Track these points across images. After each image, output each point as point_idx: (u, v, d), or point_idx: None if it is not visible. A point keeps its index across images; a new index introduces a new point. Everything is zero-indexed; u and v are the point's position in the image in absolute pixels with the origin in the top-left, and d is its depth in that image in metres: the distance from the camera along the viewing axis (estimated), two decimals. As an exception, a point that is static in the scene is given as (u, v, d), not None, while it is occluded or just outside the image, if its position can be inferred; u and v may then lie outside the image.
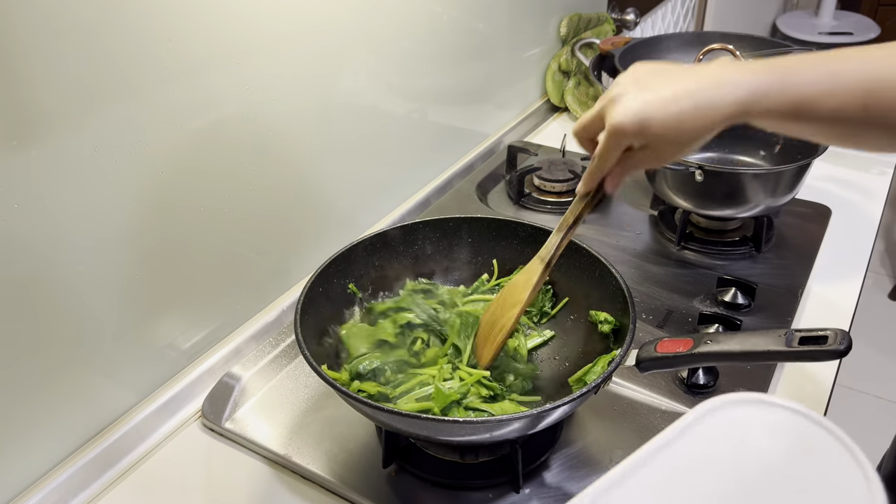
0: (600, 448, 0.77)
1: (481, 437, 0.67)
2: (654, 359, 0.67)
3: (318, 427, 0.81)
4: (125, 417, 0.80)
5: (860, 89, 0.56)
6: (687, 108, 0.58)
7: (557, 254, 0.73)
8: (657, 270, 1.04)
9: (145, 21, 0.69)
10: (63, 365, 0.72)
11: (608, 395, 0.83)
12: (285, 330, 0.94)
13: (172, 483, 0.77)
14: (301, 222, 0.99)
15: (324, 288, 0.79)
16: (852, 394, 2.18)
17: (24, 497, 0.71)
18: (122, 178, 0.72)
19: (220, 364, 0.89)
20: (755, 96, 0.57)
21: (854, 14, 3.55)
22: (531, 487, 0.73)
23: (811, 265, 1.03)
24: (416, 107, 1.17)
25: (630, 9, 1.75)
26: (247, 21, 0.80)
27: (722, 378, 0.83)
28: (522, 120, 1.49)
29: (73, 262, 0.70)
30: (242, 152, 0.86)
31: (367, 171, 1.10)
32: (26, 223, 0.65)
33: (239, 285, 0.92)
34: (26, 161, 0.63)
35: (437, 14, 1.14)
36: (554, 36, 1.55)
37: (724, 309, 0.95)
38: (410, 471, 0.75)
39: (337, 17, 0.93)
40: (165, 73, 0.73)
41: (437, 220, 0.89)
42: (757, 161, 1.17)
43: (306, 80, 0.92)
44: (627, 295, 0.74)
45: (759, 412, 0.48)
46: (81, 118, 0.67)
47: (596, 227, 1.16)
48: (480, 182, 1.27)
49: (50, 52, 0.62)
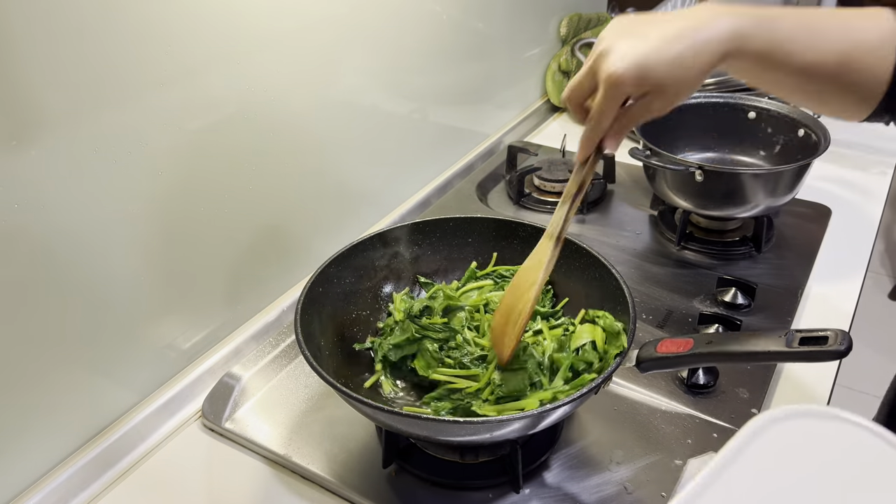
0: (600, 448, 0.77)
1: (481, 438, 0.67)
2: (654, 359, 0.67)
3: (318, 427, 0.81)
4: (125, 417, 0.80)
5: (837, 50, 0.59)
6: (684, 49, 0.58)
7: (566, 227, 0.70)
8: (657, 270, 1.04)
9: (145, 21, 0.69)
10: (63, 365, 0.72)
11: (608, 395, 0.83)
12: (285, 330, 0.94)
13: (172, 483, 0.77)
14: (301, 222, 0.99)
15: (324, 288, 0.79)
16: (852, 394, 2.18)
17: (24, 497, 0.71)
18: (122, 179, 0.72)
19: (220, 364, 0.89)
20: (741, 36, 0.58)
21: (854, 14, 3.54)
22: (531, 487, 0.73)
23: (811, 265, 1.03)
24: (416, 107, 1.17)
25: (630, 9, 1.75)
26: (246, 21, 0.80)
27: (722, 378, 0.83)
28: (522, 120, 1.49)
29: (73, 263, 0.70)
30: (242, 152, 0.86)
31: (368, 171, 1.10)
32: (26, 223, 0.65)
33: (239, 285, 0.92)
34: (26, 161, 0.63)
35: (438, 14, 1.13)
36: (554, 36, 1.55)
37: (724, 309, 0.95)
38: (410, 471, 0.75)
39: (337, 18, 0.93)
40: (165, 73, 0.73)
41: (437, 220, 0.89)
42: (757, 161, 1.17)
43: (306, 81, 0.92)
44: (627, 295, 0.74)
45: (815, 425, 0.48)
46: (81, 118, 0.67)
47: (596, 227, 1.16)
48: (480, 182, 1.27)
49: (50, 53, 0.62)
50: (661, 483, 0.72)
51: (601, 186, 1.24)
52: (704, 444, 0.76)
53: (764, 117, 1.15)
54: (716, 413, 0.80)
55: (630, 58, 0.57)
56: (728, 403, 0.81)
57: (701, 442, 0.77)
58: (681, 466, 0.74)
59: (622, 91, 0.59)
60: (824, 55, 0.60)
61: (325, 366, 0.71)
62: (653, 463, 0.75)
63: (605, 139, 0.64)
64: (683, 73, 0.58)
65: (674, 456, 0.75)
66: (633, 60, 0.57)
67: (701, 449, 0.76)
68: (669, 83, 0.59)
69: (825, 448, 0.47)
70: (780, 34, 0.59)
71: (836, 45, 0.60)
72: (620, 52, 0.58)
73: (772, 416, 0.48)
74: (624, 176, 1.28)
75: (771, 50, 0.60)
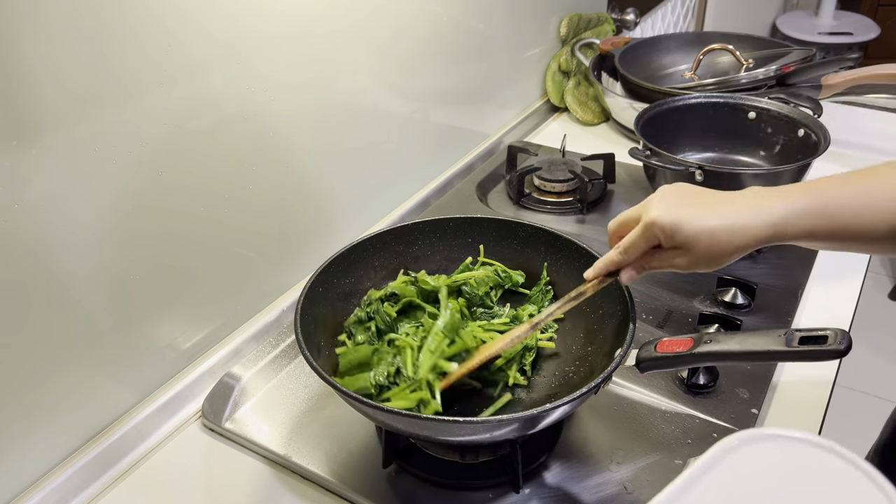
0: (600, 448, 0.77)
1: (481, 437, 0.67)
2: (654, 359, 0.67)
3: (318, 427, 0.81)
4: (125, 417, 0.80)
5: (887, 210, 0.60)
6: (722, 225, 0.62)
7: (547, 320, 0.73)
8: (657, 270, 1.04)
9: (145, 21, 0.69)
10: (63, 365, 0.72)
11: (608, 395, 0.83)
12: (285, 330, 0.94)
13: (172, 483, 0.77)
14: (301, 222, 0.99)
15: (324, 288, 0.79)
16: (852, 394, 2.18)
17: (24, 497, 0.71)
18: (122, 179, 0.72)
19: (220, 364, 0.89)
20: (788, 221, 0.61)
21: (854, 14, 3.55)
22: (531, 487, 0.73)
23: (811, 265, 1.03)
24: (416, 107, 1.17)
25: (630, 9, 1.75)
26: (246, 21, 0.80)
27: (722, 378, 0.83)
28: (522, 120, 1.49)
29: (74, 263, 0.70)
30: (242, 152, 0.86)
31: (368, 171, 1.10)
32: (26, 223, 0.65)
33: (239, 285, 0.92)
34: (26, 161, 0.63)
35: (438, 14, 1.14)
36: (554, 36, 1.55)
37: (724, 309, 0.95)
38: (410, 471, 0.75)
39: (337, 17, 0.93)
40: (165, 73, 0.73)
41: (438, 220, 0.89)
42: (757, 161, 1.17)
43: (306, 81, 0.92)
44: (627, 295, 0.74)
45: (778, 447, 0.48)
46: (81, 118, 0.67)
47: (596, 226, 1.16)
48: (480, 182, 1.27)
49: (50, 53, 0.62)
50: (661, 483, 0.72)
51: (601, 186, 1.24)
52: (704, 444, 0.76)
53: (764, 117, 1.15)
54: (716, 413, 0.80)
55: (672, 210, 0.63)
56: (728, 403, 0.81)
57: (701, 442, 0.77)
58: (681, 466, 0.74)
59: (654, 234, 0.65)
60: (875, 220, 0.60)
61: (326, 366, 0.71)
62: (653, 463, 0.75)
63: (624, 270, 0.69)
64: (711, 245, 0.63)
65: (674, 456, 0.75)
66: (675, 214, 0.63)
67: (701, 449, 0.76)
68: (697, 250, 0.64)
69: (789, 472, 0.47)
70: (831, 211, 0.61)
71: (886, 205, 0.60)
72: (668, 204, 0.64)
73: (739, 438, 0.49)
74: (624, 176, 1.28)
75: (824, 226, 0.61)
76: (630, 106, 1.40)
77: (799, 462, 0.47)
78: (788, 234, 0.62)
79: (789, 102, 1.17)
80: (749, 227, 0.62)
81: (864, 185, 0.62)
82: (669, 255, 0.66)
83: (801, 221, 0.61)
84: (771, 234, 0.62)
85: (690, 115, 1.18)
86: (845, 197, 0.61)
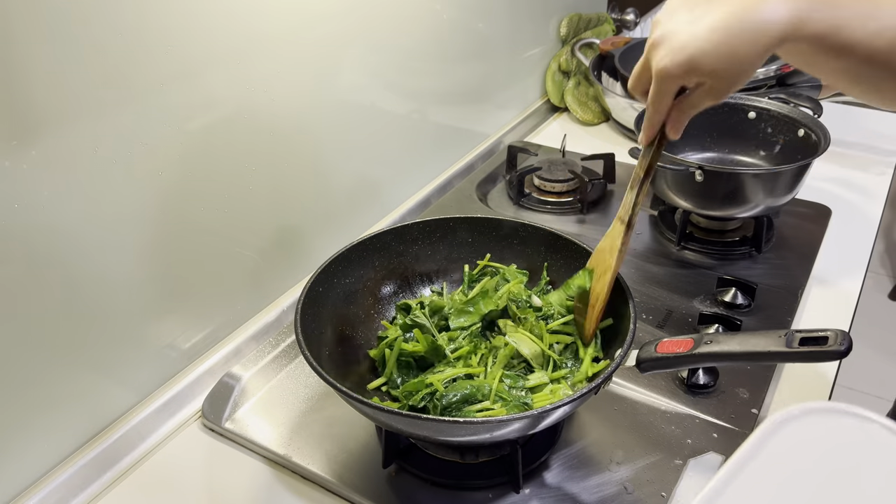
0: (600, 448, 0.77)
1: (481, 438, 0.67)
2: (654, 359, 0.67)
3: (318, 427, 0.81)
4: (125, 417, 0.80)
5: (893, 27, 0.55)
6: (738, 41, 0.56)
7: (636, 211, 0.71)
8: (657, 270, 1.04)
9: (145, 21, 0.69)
10: (63, 365, 0.72)
11: (608, 395, 0.83)
12: (285, 330, 0.94)
13: (172, 483, 0.77)
14: (301, 222, 0.99)
15: (324, 288, 0.79)
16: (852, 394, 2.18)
17: (24, 497, 0.71)
18: (122, 179, 0.72)
19: (220, 364, 0.89)
20: (799, 19, 0.56)
21: (854, 14, 3.54)
22: (531, 487, 0.73)
23: (811, 265, 1.03)
24: (416, 107, 1.17)
25: (630, 9, 1.75)
26: (246, 21, 0.80)
27: (722, 378, 0.83)
28: (522, 120, 1.49)
29: (73, 263, 0.70)
30: (242, 152, 0.86)
31: (368, 171, 1.10)
32: (26, 223, 0.65)
33: (239, 285, 0.92)
34: (26, 161, 0.63)
35: (437, 13, 1.14)
36: (554, 36, 1.55)
37: (724, 309, 0.95)
38: (410, 471, 0.75)
39: (337, 18, 0.93)
40: (165, 73, 0.73)
41: (438, 220, 0.89)
42: (757, 161, 1.17)
43: (306, 81, 0.92)
44: (628, 295, 0.74)
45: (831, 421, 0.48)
46: (81, 118, 0.67)
47: (596, 226, 1.16)
48: (480, 182, 1.27)
49: (50, 53, 0.62)
50: (661, 483, 0.72)
51: (601, 186, 1.25)
52: (704, 444, 0.76)
53: (764, 117, 1.15)
54: (716, 413, 0.80)
55: (679, 52, 0.57)
56: (728, 403, 0.81)
57: (701, 442, 0.77)
58: (681, 466, 0.74)
59: (673, 84, 0.60)
60: (884, 38, 0.56)
61: (325, 366, 0.71)
62: (653, 463, 0.75)
63: (667, 126, 0.65)
64: (738, 63, 0.57)
65: (674, 456, 0.75)
66: (683, 56, 0.57)
67: (701, 449, 0.76)
68: (723, 73, 0.58)
69: (840, 444, 0.46)
70: (839, 16, 0.56)
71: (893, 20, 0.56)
72: (670, 46, 0.58)
73: (789, 414, 0.48)
74: (624, 176, 1.28)
75: (828, 33, 0.57)
76: (630, 106, 1.40)
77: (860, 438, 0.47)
78: (798, 34, 0.56)
79: (789, 102, 1.17)
80: (764, 25, 0.55)
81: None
82: (700, 93, 0.61)
83: (810, 21, 0.56)
84: (785, 31, 0.56)
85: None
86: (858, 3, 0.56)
